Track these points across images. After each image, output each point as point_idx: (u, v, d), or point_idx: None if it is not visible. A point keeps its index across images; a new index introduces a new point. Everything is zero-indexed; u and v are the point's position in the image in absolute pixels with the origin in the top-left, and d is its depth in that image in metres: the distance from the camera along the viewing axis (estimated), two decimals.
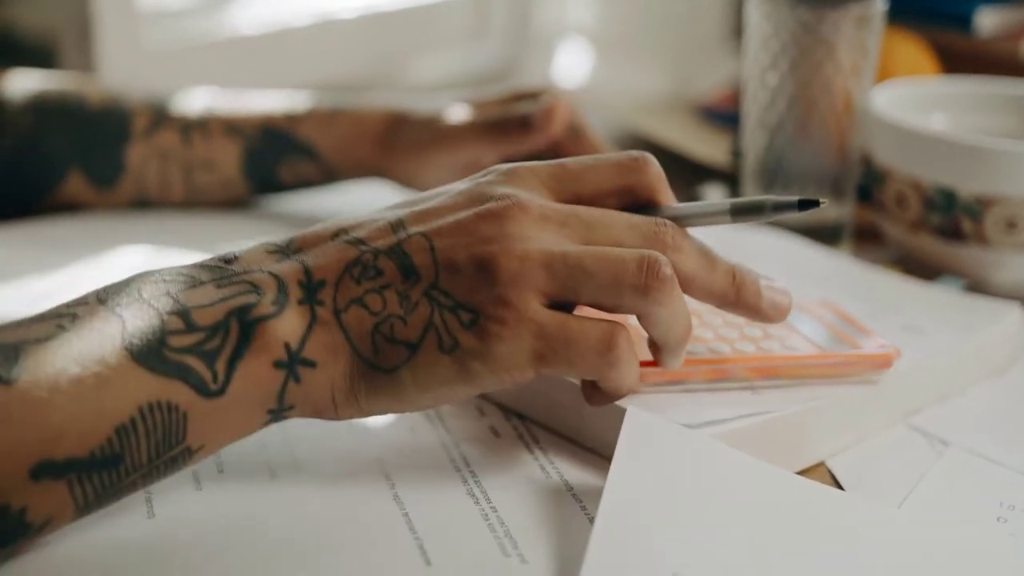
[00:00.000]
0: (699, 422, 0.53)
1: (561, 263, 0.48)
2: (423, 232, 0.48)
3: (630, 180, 0.51)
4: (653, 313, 0.49)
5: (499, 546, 0.48)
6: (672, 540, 0.47)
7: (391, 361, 0.48)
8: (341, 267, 0.48)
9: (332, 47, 1.42)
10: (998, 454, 0.58)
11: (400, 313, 0.47)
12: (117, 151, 0.80)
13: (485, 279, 0.47)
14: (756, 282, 0.53)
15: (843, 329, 0.58)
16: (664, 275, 0.48)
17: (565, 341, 0.48)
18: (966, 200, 0.71)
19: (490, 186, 0.50)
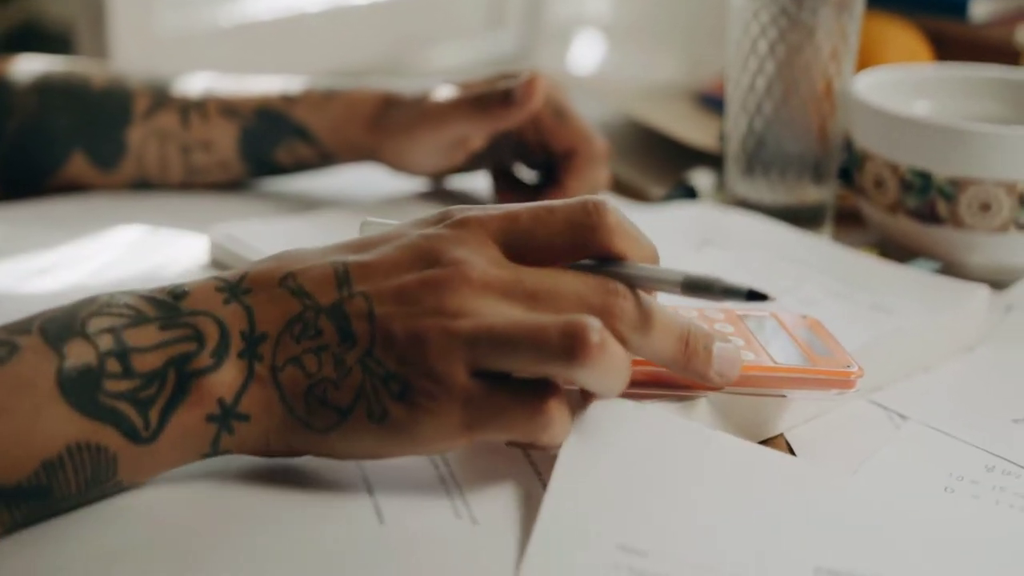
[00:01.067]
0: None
1: (487, 337, 0.47)
2: (365, 293, 0.48)
3: (582, 237, 0.50)
4: (582, 379, 0.48)
5: (452, 508, 0.49)
6: (621, 509, 0.48)
7: (323, 423, 0.48)
8: (283, 322, 0.49)
9: (346, 34, 1.44)
10: (953, 428, 0.59)
11: (334, 377, 0.48)
12: (118, 133, 0.83)
13: (416, 353, 0.47)
14: (708, 348, 0.52)
15: (814, 346, 0.57)
16: (590, 343, 0.46)
17: (493, 411, 0.48)
18: (941, 183, 0.73)
19: (439, 242, 0.49)
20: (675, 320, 0.51)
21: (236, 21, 1.30)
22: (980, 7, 0.98)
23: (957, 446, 0.58)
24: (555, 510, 0.48)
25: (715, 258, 0.71)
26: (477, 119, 0.76)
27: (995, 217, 0.72)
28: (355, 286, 0.49)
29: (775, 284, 0.68)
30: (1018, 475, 0.55)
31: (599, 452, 0.51)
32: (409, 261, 0.49)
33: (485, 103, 0.75)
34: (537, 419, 0.48)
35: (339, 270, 0.49)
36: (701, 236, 0.73)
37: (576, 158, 0.78)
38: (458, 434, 0.48)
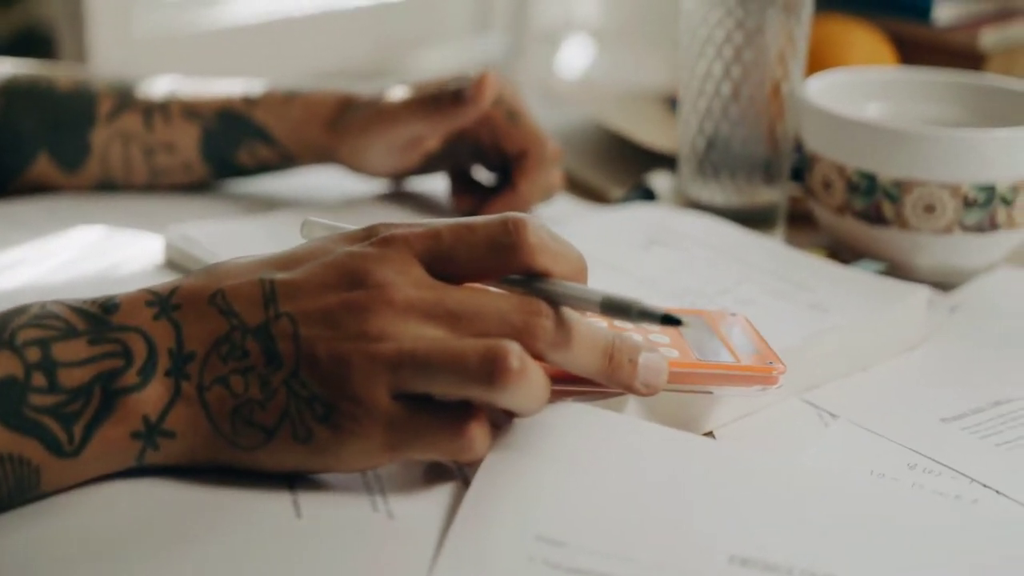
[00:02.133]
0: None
1: (409, 361, 0.48)
2: (291, 315, 0.49)
3: (502, 256, 0.50)
4: (501, 402, 0.49)
5: (371, 502, 0.50)
6: (542, 500, 0.49)
7: (249, 442, 0.50)
8: (211, 341, 0.50)
9: (331, 38, 1.45)
10: (881, 426, 0.60)
11: (260, 398, 0.49)
12: (83, 134, 0.84)
13: (339, 375, 0.48)
14: (634, 360, 0.52)
15: (740, 344, 0.58)
16: (509, 368, 0.47)
17: (414, 434, 0.49)
18: (886, 184, 0.73)
19: (364, 261, 0.50)
20: (598, 335, 0.52)
21: (219, 25, 1.31)
22: (944, 11, 0.99)
23: (882, 444, 0.58)
24: (475, 502, 0.49)
25: (661, 257, 0.71)
26: (430, 118, 0.77)
27: (939, 219, 0.73)
28: (281, 306, 0.50)
29: (717, 283, 0.68)
30: (939, 473, 0.56)
31: (523, 446, 0.52)
32: (334, 280, 0.50)
33: (437, 102, 0.76)
34: (458, 440, 0.49)
35: (267, 288, 0.50)
36: (649, 236, 0.74)
37: (527, 160, 0.78)
38: (381, 455, 0.49)
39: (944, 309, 0.73)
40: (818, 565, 0.47)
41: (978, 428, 0.60)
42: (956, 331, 0.70)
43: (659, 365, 0.53)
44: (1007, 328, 0.71)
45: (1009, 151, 0.72)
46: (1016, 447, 0.58)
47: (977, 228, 0.73)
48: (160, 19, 1.25)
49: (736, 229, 0.75)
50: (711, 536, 0.48)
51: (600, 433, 0.53)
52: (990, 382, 0.64)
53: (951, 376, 0.65)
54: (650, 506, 0.49)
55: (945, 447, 0.58)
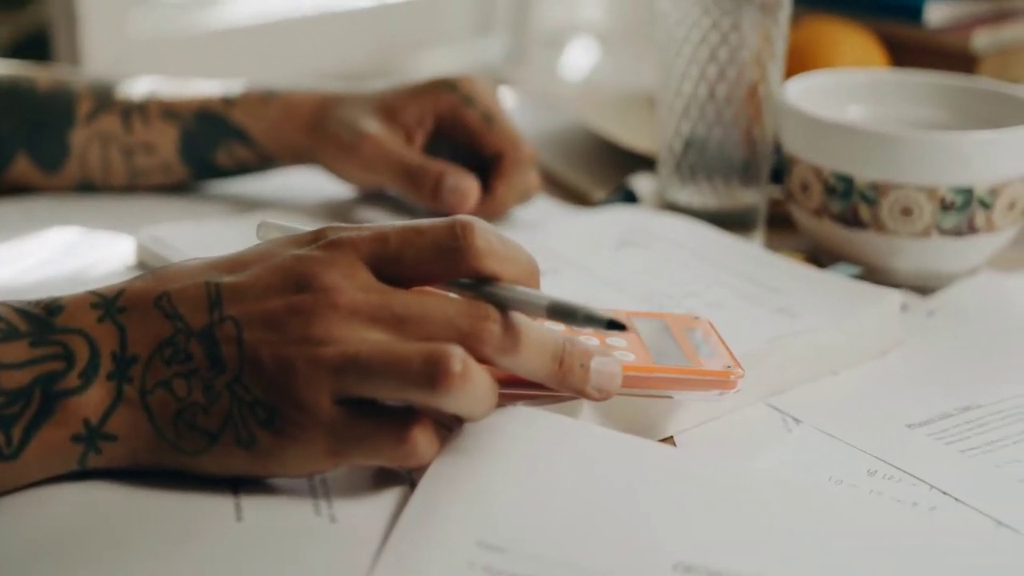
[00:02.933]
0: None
1: (352, 365, 0.48)
2: (235, 318, 0.49)
3: (450, 260, 0.50)
4: (445, 406, 0.49)
5: (314, 506, 0.50)
6: (486, 505, 0.49)
7: (192, 447, 0.49)
8: (154, 344, 0.49)
9: (331, 40, 1.45)
10: (844, 432, 0.59)
11: (203, 402, 0.49)
12: (61, 135, 0.83)
13: (282, 380, 0.48)
14: (585, 365, 0.52)
15: (700, 348, 0.57)
16: (451, 372, 0.47)
17: (357, 439, 0.48)
18: (862, 187, 0.72)
19: (310, 264, 0.49)
20: (548, 339, 0.51)
21: (215, 26, 1.31)
22: (936, 12, 0.97)
23: (844, 450, 0.57)
24: (419, 507, 0.49)
25: (632, 259, 0.71)
26: (402, 188, 0.77)
27: (916, 222, 0.72)
28: (226, 309, 0.49)
29: (686, 285, 0.68)
30: (899, 479, 0.55)
31: (471, 450, 0.51)
32: (279, 284, 0.50)
33: (416, 182, 0.76)
34: (401, 446, 0.49)
35: (212, 292, 0.50)
36: (622, 238, 0.73)
37: (503, 162, 0.78)
38: (324, 460, 0.49)
39: (922, 313, 0.72)
40: (766, 573, 0.46)
41: (944, 434, 0.59)
42: (932, 336, 0.69)
43: (612, 369, 0.53)
44: (983, 333, 0.70)
45: (986, 153, 0.71)
46: (980, 454, 0.57)
47: (955, 232, 0.72)
48: (155, 20, 1.25)
49: (712, 232, 0.75)
50: (657, 543, 0.47)
51: (550, 438, 0.52)
52: (961, 387, 0.63)
53: (922, 381, 0.64)
54: (597, 512, 0.49)
55: (908, 453, 0.57)
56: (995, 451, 0.57)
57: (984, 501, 0.53)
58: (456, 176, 0.75)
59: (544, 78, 1.61)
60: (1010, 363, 0.66)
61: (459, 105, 0.78)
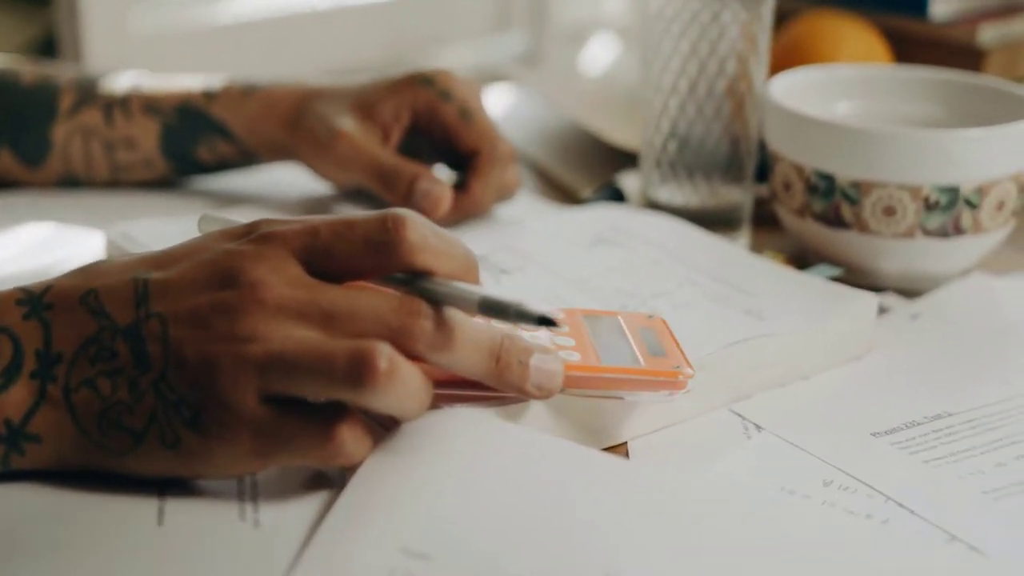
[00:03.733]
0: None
1: (277, 363, 0.46)
2: (161, 315, 0.48)
3: (381, 255, 0.49)
4: (373, 404, 0.47)
5: (239, 510, 0.48)
6: (413, 511, 0.47)
7: (117, 446, 0.48)
8: (80, 342, 0.48)
9: (342, 36, 1.44)
10: (805, 440, 0.57)
11: (128, 401, 0.48)
12: (43, 129, 0.83)
13: (207, 379, 0.47)
14: (524, 362, 0.50)
15: (650, 347, 0.56)
16: (376, 369, 0.46)
17: (282, 440, 0.47)
18: (844, 185, 0.70)
19: (239, 259, 0.48)
20: (484, 335, 0.50)
21: (221, 22, 1.30)
22: (941, 6, 0.95)
23: (802, 458, 0.55)
24: (343, 512, 0.47)
25: (603, 257, 0.69)
26: (374, 188, 0.75)
27: (900, 222, 0.69)
28: (152, 306, 0.49)
29: (655, 285, 0.66)
30: (855, 490, 0.53)
31: (403, 453, 0.50)
32: (206, 280, 0.49)
33: (389, 183, 0.74)
34: (327, 446, 0.48)
35: (139, 288, 0.49)
36: (596, 236, 0.71)
37: (479, 159, 0.76)
38: (250, 461, 0.48)
39: (905, 316, 0.70)
40: None
41: (909, 443, 0.57)
42: (912, 340, 0.67)
43: (553, 367, 0.51)
44: (966, 338, 0.67)
45: (972, 151, 0.68)
46: (944, 464, 0.55)
47: (940, 232, 0.70)
48: (158, 16, 1.24)
49: (691, 231, 0.73)
50: (589, 553, 0.46)
51: (486, 442, 0.51)
52: (935, 395, 0.61)
53: (894, 388, 0.62)
54: (529, 520, 0.47)
55: (868, 463, 0.55)
56: (960, 462, 0.55)
57: (940, 514, 0.51)
58: (429, 180, 0.73)
59: (563, 74, 1.59)
60: (989, 370, 0.64)
61: (436, 100, 0.77)
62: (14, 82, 0.84)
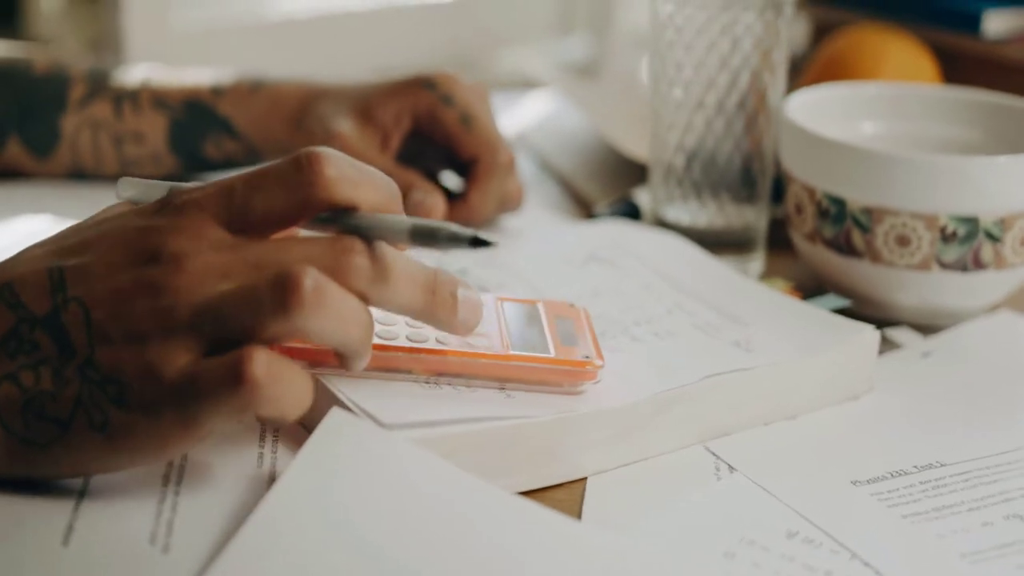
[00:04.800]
0: (419, 420, 0.50)
1: (204, 313, 0.45)
2: (80, 300, 0.46)
3: (300, 195, 0.47)
4: (307, 330, 0.45)
5: (151, 534, 0.46)
6: (316, 551, 0.44)
7: (43, 437, 0.46)
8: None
9: (395, 36, 1.41)
10: (777, 485, 0.53)
11: (51, 390, 0.46)
12: (52, 120, 0.82)
13: (134, 352, 0.45)
14: (455, 295, 0.50)
15: (567, 337, 0.54)
16: (303, 288, 0.44)
17: (199, 395, 0.44)
18: (855, 211, 0.66)
19: (156, 235, 0.46)
20: (419, 269, 0.49)
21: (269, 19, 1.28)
22: (995, 22, 0.89)
23: (771, 506, 0.51)
24: (239, 550, 0.44)
25: (591, 278, 0.65)
26: None
27: (914, 253, 0.65)
28: (70, 290, 0.47)
29: (640, 310, 0.62)
30: (819, 544, 0.49)
31: (316, 488, 0.47)
32: (125, 259, 0.47)
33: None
34: (241, 389, 0.43)
35: (54, 276, 0.47)
36: (592, 254, 0.68)
37: (477, 167, 0.73)
38: (177, 432, 0.45)
39: (916, 354, 0.65)
40: None
41: (891, 495, 0.52)
42: (918, 380, 0.62)
43: (475, 301, 0.51)
44: (977, 381, 0.63)
45: (993, 179, 0.64)
46: (925, 520, 0.51)
47: (958, 266, 0.65)
48: (204, 12, 1.23)
49: (694, 252, 0.69)
50: None
51: (417, 482, 0.47)
52: (929, 442, 0.57)
53: (886, 432, 0.58)
54: (448, 564, 0.44)
55: (841, 514, 0.51)
56: (944, 518, 0.51)
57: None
58: (422, 190, 0.71)
59: (623, 81, 1.55)
60: (996, 417, 0.59)
61: (437, 104, 0.74)
62: (25, 71, 0.83)
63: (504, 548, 0.45)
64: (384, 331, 0.53)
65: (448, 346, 0.52)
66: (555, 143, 0.97)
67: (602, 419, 0.53)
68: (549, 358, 0.52)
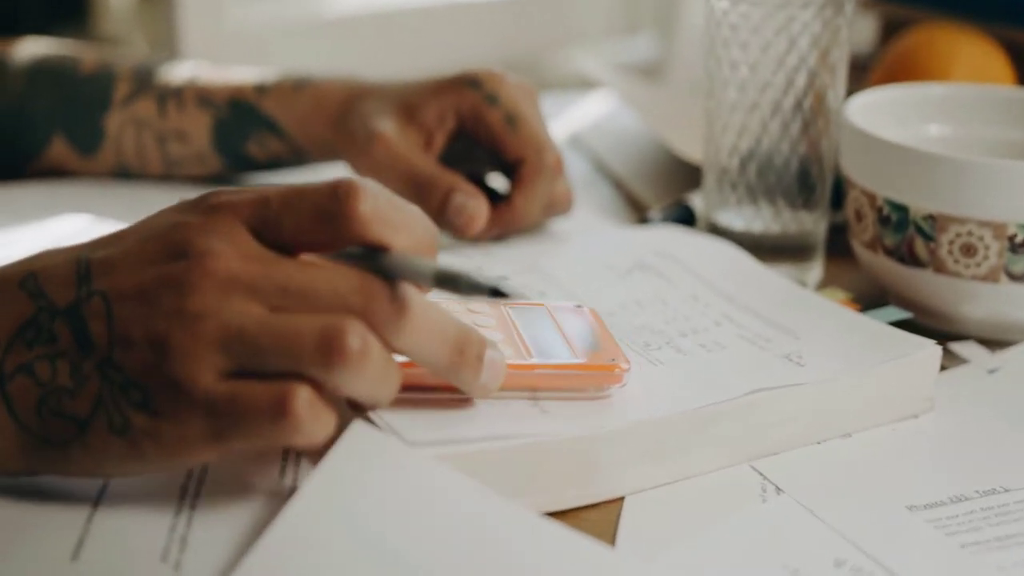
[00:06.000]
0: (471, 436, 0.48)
1: (237, 341, 0.43)
2: (104, 293, 0.45)
3: (331, 227, 0.45)
4: (343, 386, 0.44)
5: (163, 550, 0.44)
6: (341, 565, 0.42)
7: (60, 436, 0.45)
8: (15, 327, 0.45)
9: (453, 34, 1.40)
10: (827, 509, 0.50)
11: (69, 386, 0.44)
12: (97, 118, 0.81)
13: (157, 358, 0.43)
14: (481, 357, 0.47)
15: (583, 340, 0.53)
16: (348, 348, 0.43)
17: (236, 417, 0.43)
18: (918, 218, 0.62)
19: (187, 231, 0.45)
20: (451, 325, 0.47)
21: (326, 17, 1.27)
22: None
23: (819, 532, 0.48)
24: (259, 559, 0.42)
25: (635, 287, 0.63)
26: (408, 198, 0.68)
27: (981, 263, 0.61)
28: (94, 283, 0.45)
29: (687, 321, 0.59)
30: (869, 574, 0.46)
31: (334, 504, 0.44)
32: (153, 254, 0.45)
33: (422, 195, 0.69)
34: (282, 422, 0.43)
35: (80, 266, 0.46)
36: (638, 261, 0.65)
37: (522, 169, 0.71)
38: (204, 445, 0.44)
39: (981, 371, 0.61)
40: None
41: (950, 522, 0.49)
42: (983, 398, 0.59)
43: (500, 363, 0.49)
44: None
45: None
46: (985, 550, 0.47)
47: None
48: (259, 10, 1.21)
49: (745, 260, 0.66)
50: None
51: (437, 499, 0.45)
52: (993, 466, 0.53)
53: (947, 454, 0.54)
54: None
55: (894, 542, 0.48)
56: (1006, 548, 0.47)
57: None
58: (465, 195, 0.68)
59: (688, 82, 1.52)
60: None
61: (481, 104, 0.71)
62: (72, 69, 0.82)
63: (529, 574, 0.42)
64: None
65: None
66: (610, 144, 0.94)
67: (640, 435, 0.50)
68: (575, 364, 0.50)
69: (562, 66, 1.53)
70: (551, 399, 0.50)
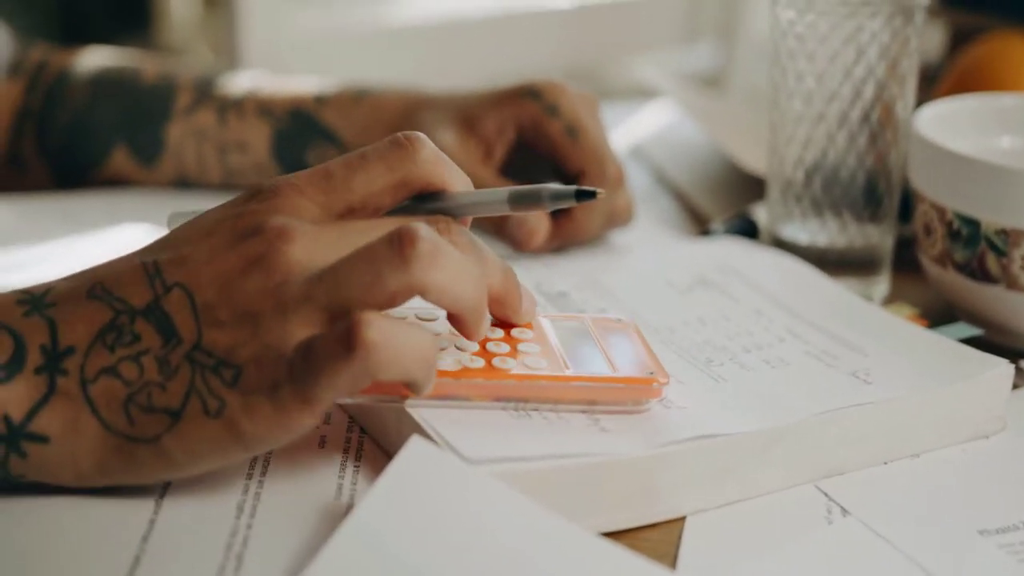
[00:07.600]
0: (531, 454, 0.47)
1: (319, 287, 0.44)
2: (183, 285, 0.45)
3: (400, 173, 0.48)
4: (426, 284, 0.44)
5: (219, 567, 0.44)
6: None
7: (151, 430, 0.45)
8: (94, 332, 0.45)
9: (515, 44, 1.39)
10: (896, 533, 0.48)
11: (159, 380, 0.45)
12: (158, 128, 0.81)
13: (248, 332, 0.44)
14: (519, 284, 0.51)
15: (622, 354, 0.52)
16: (421, 239, 0.44)
17: (314, 368, 0.43)
18: (990, 233, 0.61)
19: (253, 216, 0.46)
20: (496, 256, 0.50)
21: (388, 25, 1.27)
22: None
23: (886, 555, 0.47)
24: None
25: (697, 303, 0.61)
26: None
27: None
28: (169, 278, 0.46)
29: (750, 337, 0.58)
30: None
31: (394, 521, 0.44)
32: (225, 242, 0.46)
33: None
34: (354, 355, 0.43)
35: (148, 268, 0.46)
36: (700, 276, 0.64)
37: (584, 181, 0.70)
38: (296, 410, 0.44)
39: None
40: None
41: (1023, 547, 0.48)
42: None
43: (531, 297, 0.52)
44: None
45: None
46: None
47: None
48: (321, 18, 1.22)
49: (810, 274, 0.64)
50: None
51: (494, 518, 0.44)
52: None
53: (1021, 475, 0.53)
54: None
55: (965, 567, 0.46)
56: None
57: None
58: None
59: (749, 91, 1.51)
60: None
61: (542, 115, 0.70)
62: (134, 80, 0.82)
63: None
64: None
65: (509, 369, 0.49)
66: (672, 155, 0.93)
67: (703, 455, 0.49)
68: (612, 376, 0.50)
69: (623, 75, 1.52)
70: (606, 413, 0.50)
